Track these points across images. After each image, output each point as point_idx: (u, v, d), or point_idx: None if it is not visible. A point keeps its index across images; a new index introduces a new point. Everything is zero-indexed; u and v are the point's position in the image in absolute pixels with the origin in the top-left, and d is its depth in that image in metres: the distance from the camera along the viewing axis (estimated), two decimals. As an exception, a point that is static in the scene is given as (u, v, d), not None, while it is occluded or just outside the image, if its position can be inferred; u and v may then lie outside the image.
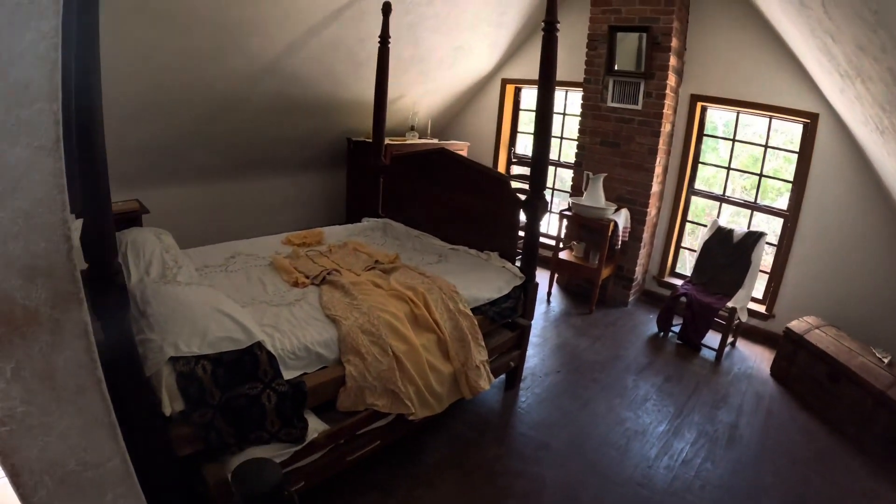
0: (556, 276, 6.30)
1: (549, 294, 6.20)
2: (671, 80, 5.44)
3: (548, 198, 4.49)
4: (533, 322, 4.22)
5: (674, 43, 5.29)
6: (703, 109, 5.74)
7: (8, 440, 1.13)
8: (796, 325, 4.71)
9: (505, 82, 7.57)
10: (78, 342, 1.13)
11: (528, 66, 7.19)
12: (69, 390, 1.17)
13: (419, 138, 7.16)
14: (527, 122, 7.71)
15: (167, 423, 2.39)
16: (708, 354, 5.12)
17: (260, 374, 2.59)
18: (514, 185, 5.98)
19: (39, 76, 0.99)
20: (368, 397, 2.96)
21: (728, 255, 5.29)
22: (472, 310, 3.60)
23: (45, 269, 1.08)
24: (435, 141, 7.25)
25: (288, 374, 2.75)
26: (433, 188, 4.80)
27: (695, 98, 5.66)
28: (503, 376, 4.24)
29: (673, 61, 5.38)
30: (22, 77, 0.97)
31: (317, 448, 2.83)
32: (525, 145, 7.86)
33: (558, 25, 3.64)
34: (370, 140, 5.36)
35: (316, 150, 6.84)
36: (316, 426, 2.80)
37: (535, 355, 4.85)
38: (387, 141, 6.19)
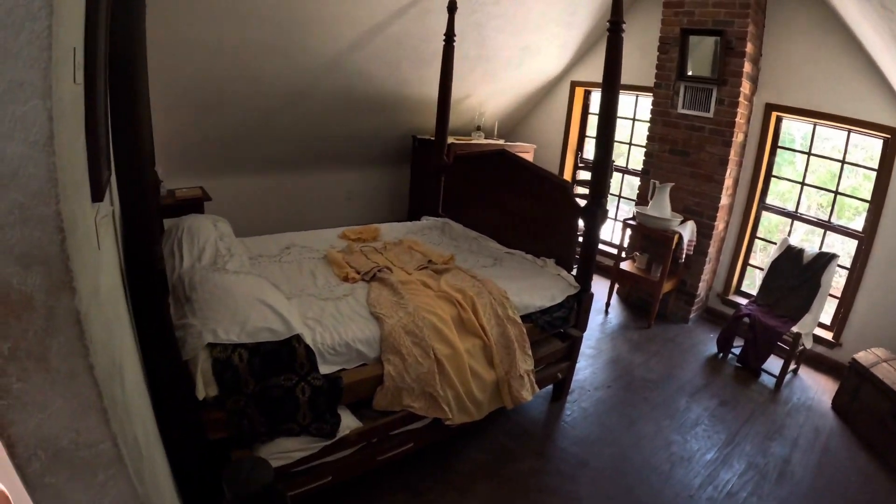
0: (616, 286, 6.09)
1: (607, 305, 6.00)
2: (745, 87, 5.15)
3: (612, 205, 4.32)
4: (588, 333, 4.10)
5: (748, 48, 5.00)
6: (778, 120, 5.42)
7: (5, 413, 1.17)
8: (863, 356, 4.35)
9: (574, 85, 7.36)
10: (70, 329, 1.16)
11: (599, 68, 6.80)
12: (62, 374, 1.19)
13: (485, 139, 7.04)
14: (595, 126, 7.39)
15: (200, 407, 2.41)
16: (767, 381, 4.82)
17: (296, 367, 2.58)
18: (580, 190, 5.86)
19: (33, 75, 1.04)
20: (405, 398, 2.91)
21: (797, 276, 4.98)
22: (523, 317, 3.49)
23: (40, 258, 1.11)
24: (501, 142, 7.10)
25: (326, 369, 2.72)
26: (493, 190, 4.71)
27: (769, 107, 5.35)
28: (549, 387, 4.11)
29: (747, 67, 5.09)
30: (17, 76, 1.02)
31: (347, 445, 2.80)
32: (593, 150, 7.52)
33: (626, 26, 3.48)
34: (434, 139, 5.33)
35: (381, 146, 6.84)
36: (349, 423, 2.77)
37: (587, 367, 4.68)
38: (451, 140, 6.15)
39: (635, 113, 6.88)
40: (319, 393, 2.61)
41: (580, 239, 4.06)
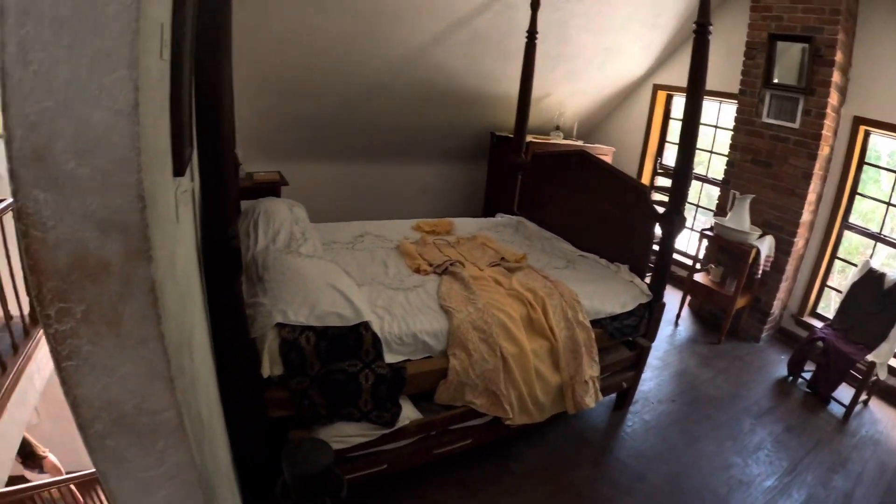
0: (688, 298, 5.88)
1: (678, 317, 5.80)
2: (833, 98, 4.85)
3: (689, 215, 4.17)
4: (656, 344, 3.98)
5: (838, 57, 4.71)
6: (866, 134, 5.07)
7: (72, 374, 1.19)
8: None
9: (657, 88, 7.11)
10: (144, 297, 1.17)
11: (683, 72, 6.57)
12: (133, 339, 1.21)
13: (563, 139, 6.89)
14: (676, 132, 7.11)
15: (263, 385, 2.44)
16: (836, 409, 4.52)
17: (362, 354, 2.59)
18: (657, 197, 5.71)
19: (120, 46, 1.04)
20: (468, 394, 2.89)
21: (876, 301, 4.65)
22: (592, 322, 3.40)
23: (119, 225, 1.12)
24: (580, 143, 6.92)
25: (391, 358, 2.72)
26: (570, 191, 4.61)
27: (858, 120, 5.00)
28: (613, 396, 3.99)
29: (836, 77, 4.79)
30: (104, 46, 1.03)
31: (406, 435, 2.80)
32: (673, 156, 7.28)
33: (712, 29, 3.31)
34: (513, 136, 5.26)
35: (458, 141, 6.79)
36: (409, 414, 2.76)
37: (652, 379, 4.54)
38: (530, 138, 6.03)
39: (718, 120, 6.60)
40: (383, 381, 2.61)
41: (655, 246, 3.94)
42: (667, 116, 7.27)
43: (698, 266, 5.78)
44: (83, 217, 1.09)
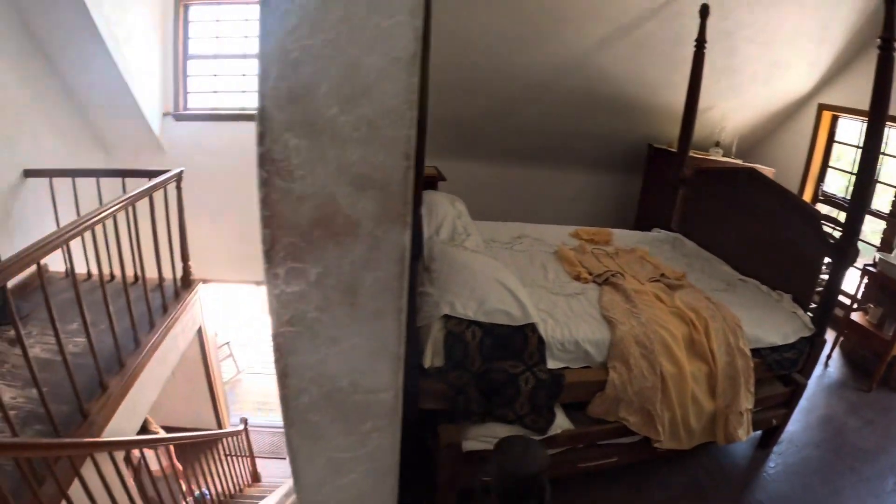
0: (841, 338, 5.40)
1: (828, 357, 5.31)
2: None
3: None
4: (804, 383, 3.67)
5: None
6: None
7: (290, 341, 1.08)
8: None
9: (822, 108, 6.47)
10: (392, 266, 1.04)
11: (850, 92, 6.08)
12: (367, 311, 1.08)
13: (722, 156, 6.45)
14: (840, 156, 6.62)
15: (421, 375, 2.37)
16: None
17: (525, 356, 2.47)
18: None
19: None
20: (622, 410, 2.72)
21: None
22: (751, 352, 3.12)
23: (378, 183, 0.98)
24: (738, 161, 6.42)
25: (551, 364, 2.59)
26: (733, 210, 4.27)
27: None
28: (759, 432, 3.67)
29: None
30: None
31: (554, 445, 2.67)
32: (835, 183, 6.69)
33: None
34: (672, 149, 4.98)
35: (614, 150, 6.55)
36: (561, 423, 2.64)
37: (798, 420, 4.13)
38: (690, 153, 5.76)
39: (885, 146, 5.88)
40: (542, 386, 2.48)
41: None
42: (830, 139, 6.62)
43: (855, 305, 5.29)
44: (338, 170, 0.96)
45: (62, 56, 4.54)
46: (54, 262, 3.62)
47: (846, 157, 6.57)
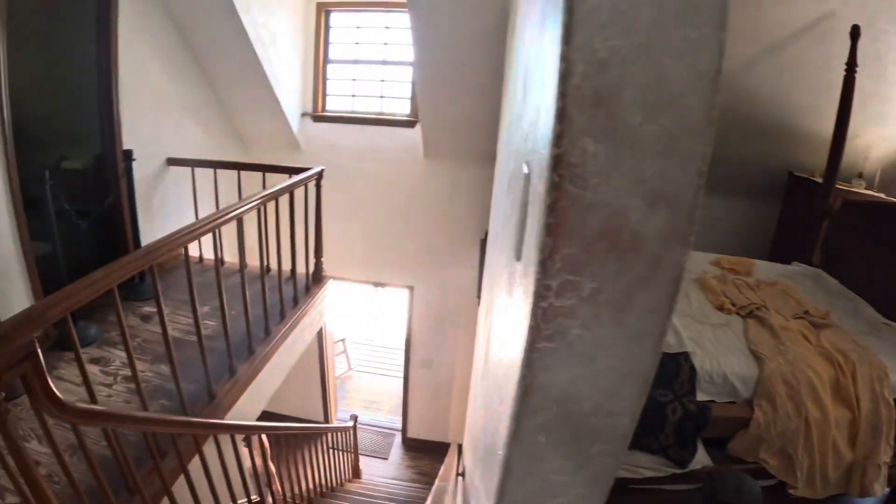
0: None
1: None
2: None
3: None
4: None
5: None
6: None
7: (545, 357, 1.02)
8: None
9: None
10: (667, 286, 0.97)
11: None
12: (632, 331, 1.01)
13: (864, 188, 5.83)
14: None
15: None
16: None
17: (676, 385, 2.36)
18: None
19: (713, 0, 0.85)
20: (762, 451, 2.56)
21: None
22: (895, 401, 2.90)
23: (670, 199, 0.92)
24: (881, 195, 5.78)
25: (698, 396, 2.47)
26: (882, 249, 3.96)
27: None
28: (888, 489, 3.46)
29: None
30: None
31: (691, 480, 2.52)
32: None
33: None
34: (815, 178, 4.70)
35: (750, 175, 6.14)
36: (701, 458, 2.49)
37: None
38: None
39: None
40: (689, 417, 2.36)
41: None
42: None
43: None
44: (633, 182, 0.90)
45: (210, 55, 4.73)
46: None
47: None
